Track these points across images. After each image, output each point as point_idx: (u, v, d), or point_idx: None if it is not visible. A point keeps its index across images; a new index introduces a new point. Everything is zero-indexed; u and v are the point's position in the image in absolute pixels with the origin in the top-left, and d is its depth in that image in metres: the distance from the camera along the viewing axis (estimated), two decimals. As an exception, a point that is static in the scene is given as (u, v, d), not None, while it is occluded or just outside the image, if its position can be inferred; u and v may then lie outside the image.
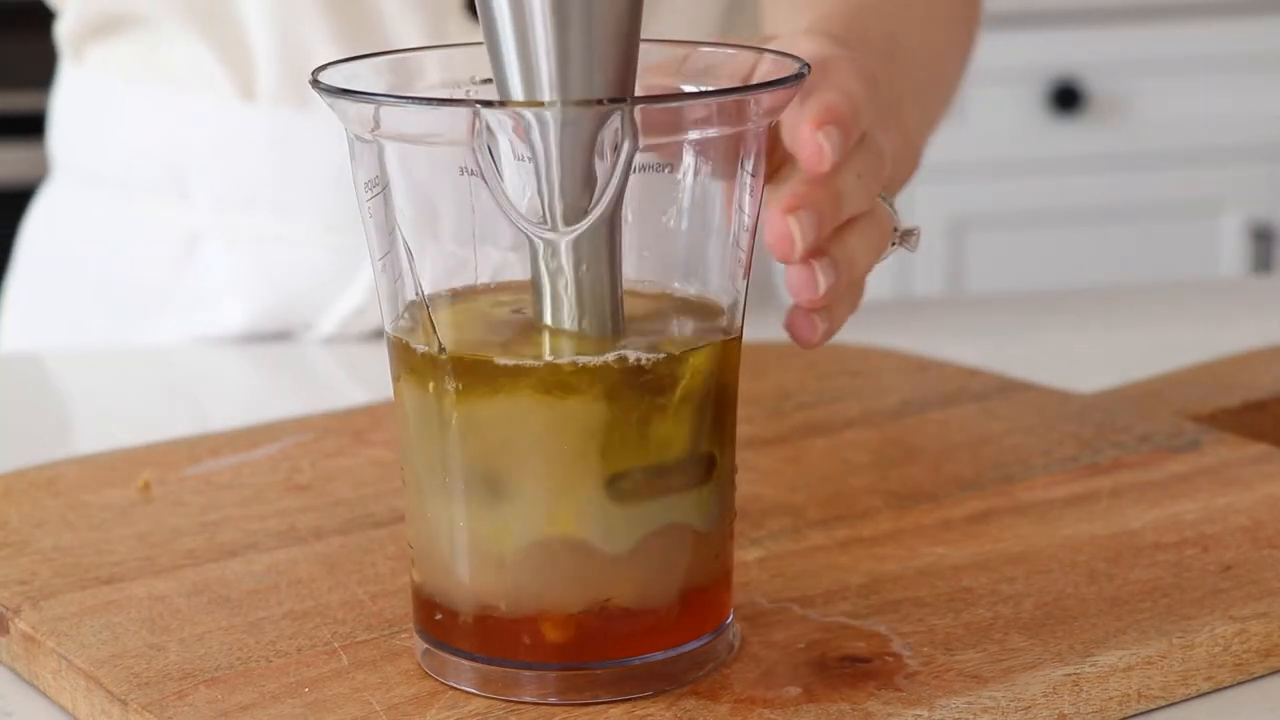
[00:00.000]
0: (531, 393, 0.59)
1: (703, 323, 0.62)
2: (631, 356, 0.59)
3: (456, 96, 0.63)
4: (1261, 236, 2.39)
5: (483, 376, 0.59)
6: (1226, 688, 0.65)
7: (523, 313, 0.61)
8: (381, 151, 0.60)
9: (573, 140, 0.58)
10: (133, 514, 0.76)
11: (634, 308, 0.61)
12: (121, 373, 1.05)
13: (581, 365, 0.59)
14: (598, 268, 0.60)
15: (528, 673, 0.61)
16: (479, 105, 0.58)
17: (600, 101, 0.59)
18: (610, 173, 0.58)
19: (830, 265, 0.64)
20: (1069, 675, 0.62)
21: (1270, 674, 0.66)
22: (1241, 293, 1.25)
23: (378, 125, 0.59)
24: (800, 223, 0.62)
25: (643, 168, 0.60)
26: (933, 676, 0.62)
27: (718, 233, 0.61)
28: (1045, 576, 0.69)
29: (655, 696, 0.61)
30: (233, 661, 0.63)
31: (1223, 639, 0.64)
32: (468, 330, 0.61)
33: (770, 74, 0.62)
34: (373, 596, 0.68)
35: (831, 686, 0.61)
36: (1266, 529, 0.72)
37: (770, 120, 0.61)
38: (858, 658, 0.63)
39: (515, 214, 0.59)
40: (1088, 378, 0.93)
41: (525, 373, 0.59)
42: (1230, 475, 0.77)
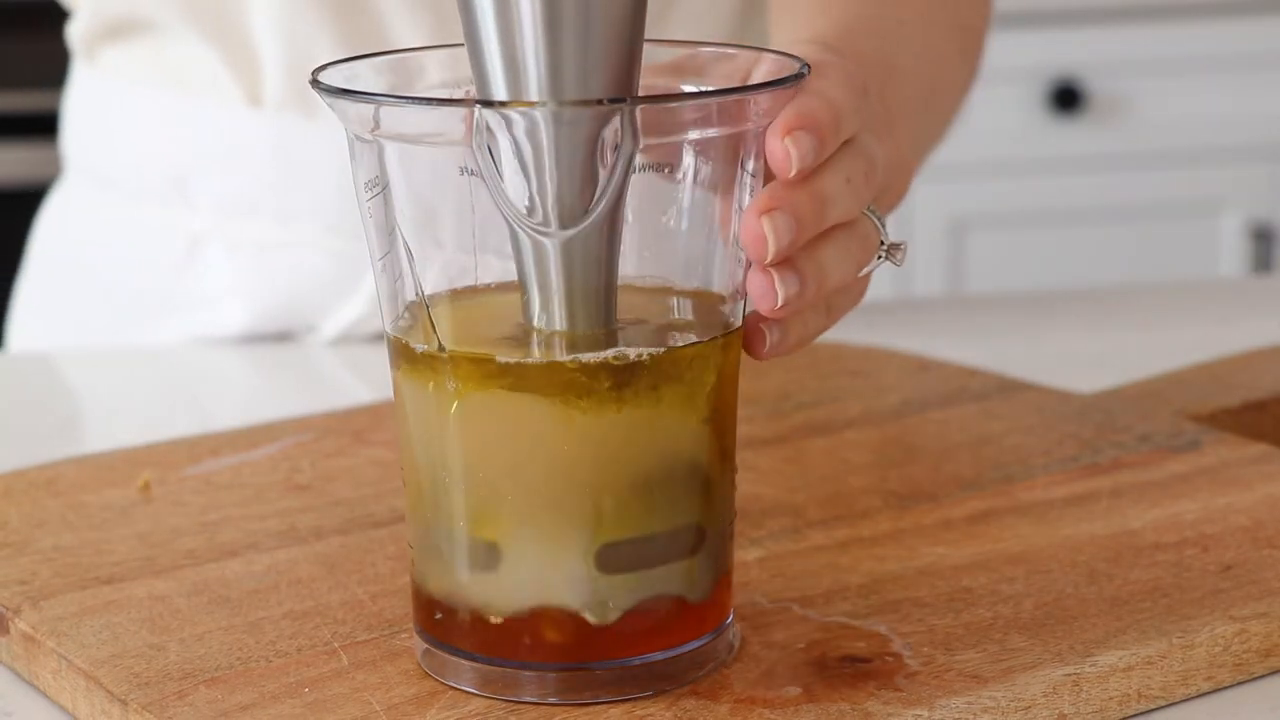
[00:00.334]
0: (533, 391, 0.59)
1: (702, 321, 0.62)
2: (632, 353, 0.59)
3: (456, 96, 0.63)
4: (1261, 236, 2.39)
5: (483, 375, 0.59)
6: (1226, 688, 0.65)
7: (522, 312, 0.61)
8: (381, 151, 0.60)
9: (572, 140, 0.58)
10: (133, 514, 0.76)
11: (633, 306, 0.61)
12: (122, 373, 1.05)
13: (582, 363, 0.59)
14: (596, 267, 0.60)
15: (528, 673, 0.61)
16: (479, 105, 0.58)
17: (600, 102, 0.59)
18: (610, 173, 0.58)
19: (795, 277, 0.61)
20: (1069, 675, 0.62)
21: (1270, 674, 0.66)
22: (1241, 293, 1.25)
23: (377, 125, 0.59)
24: (775, 224, 0.60)
25: (642, 168, 0.60)
26: (933, 676, 0.62)
27: (717, 233, 0.61)
28: (1045, 576, 0.69)
29: (655, 696, 0.61)
30: (233, 661, 0.63)
31: (1223, 639, 0.64)
32: (468, 329, 0.61)
33: (770, 75, 0.62)
34: (373, 596, 0.68)
35: (831, 686, 0.61)
36: (1266, 529, 0.72)
37: (770, 120, 0.61)
38: (858, 658, 0.63)
39: (515, 214, 0.59)
40: (1088, 378, 0.93)
41: (526, 370, 0.59)
42: (1230, 475, 0.77)
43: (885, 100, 0.74)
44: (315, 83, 0.60)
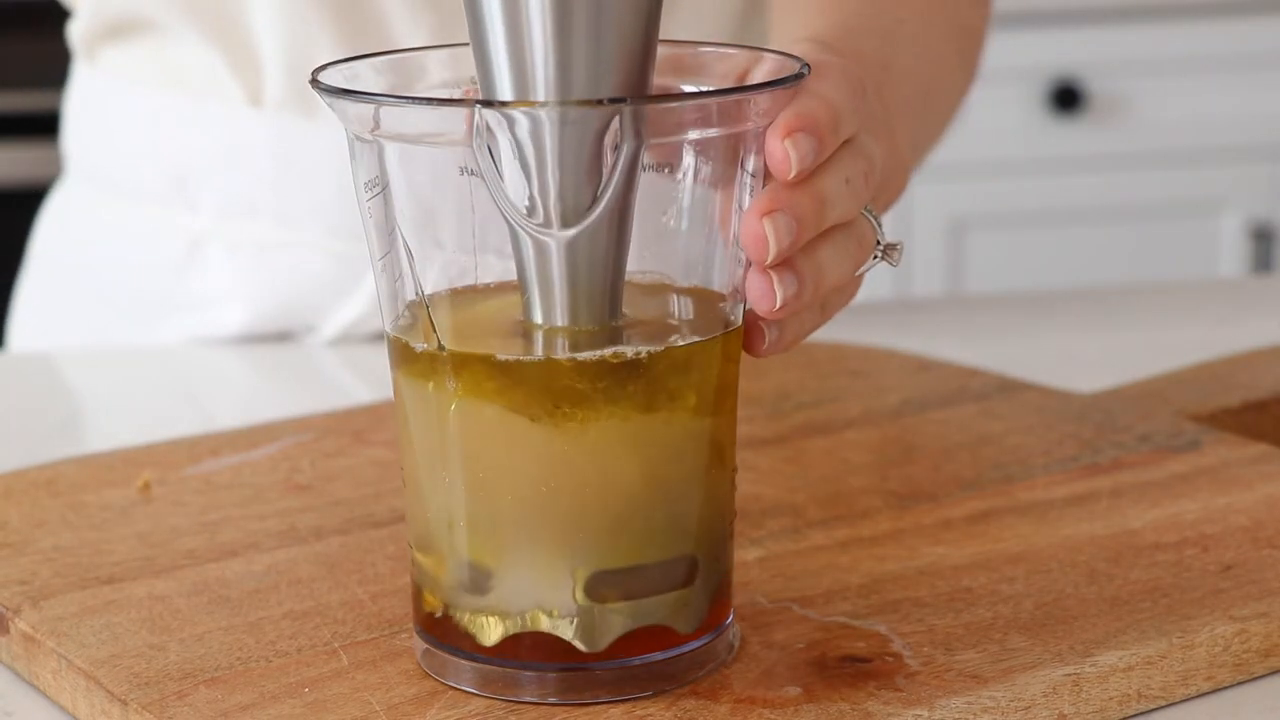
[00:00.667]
0: (534, 390, 0.59)
1: (702, 320, 0.62)
2: (629, 352, 0.59)
3: (457, 96, 0.63)
4: (1261, 236, 2.39)
5: (483, 373, 0.59)
6: (1226, 688, 0.65)
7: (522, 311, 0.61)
8: (381, 151, 0.60)
9: (574, 140, 0.58)
10: (133, 514, 0.76)
11: (633, 304, 0.61)
12: (122, 373, 1.05)
13: (580, 361, 0.59)
14: (597, 266, 0.60)
15: (528, 673, 0.61)
16: (479, 105, 0.58)
17: (600, 102, 0.58)
18: (611, 172, 0.58)
19: (793, 278, 0.61)
20: (1069, 675, 0.62)
21: (1270, 674, 0.66)
22: (1241, 293, 1.25)
23: (377, 125, 0.59)
24: (775, 225, 0.60)
25: (642, 167, 0.60)
26: (933, 676, 0.62)
27: (718, 233, 0.61)
28: (1045, 576, 0.69)
29: (655, 696, 0.61)
30: (233, 661, 0.63)
31: (1223, 639, 0.64)
32: (468, 328, 0.61)
33: (770, 75, 0.62)
34: (373, 596, 0.68)
35: (831, 686, 0.61)
36: (1266, 529, 0.72)
37: (770, 120, 0.61)
38: (858, 658, 0.63)
39: (515, 214, 0.59)
40: (1088, 378, 0.93)
41: (525, 368, 0.59)
42: (1230, 475, 0.77)
43: (883, 100, 0.74)
44: (315, 83, 0.60)
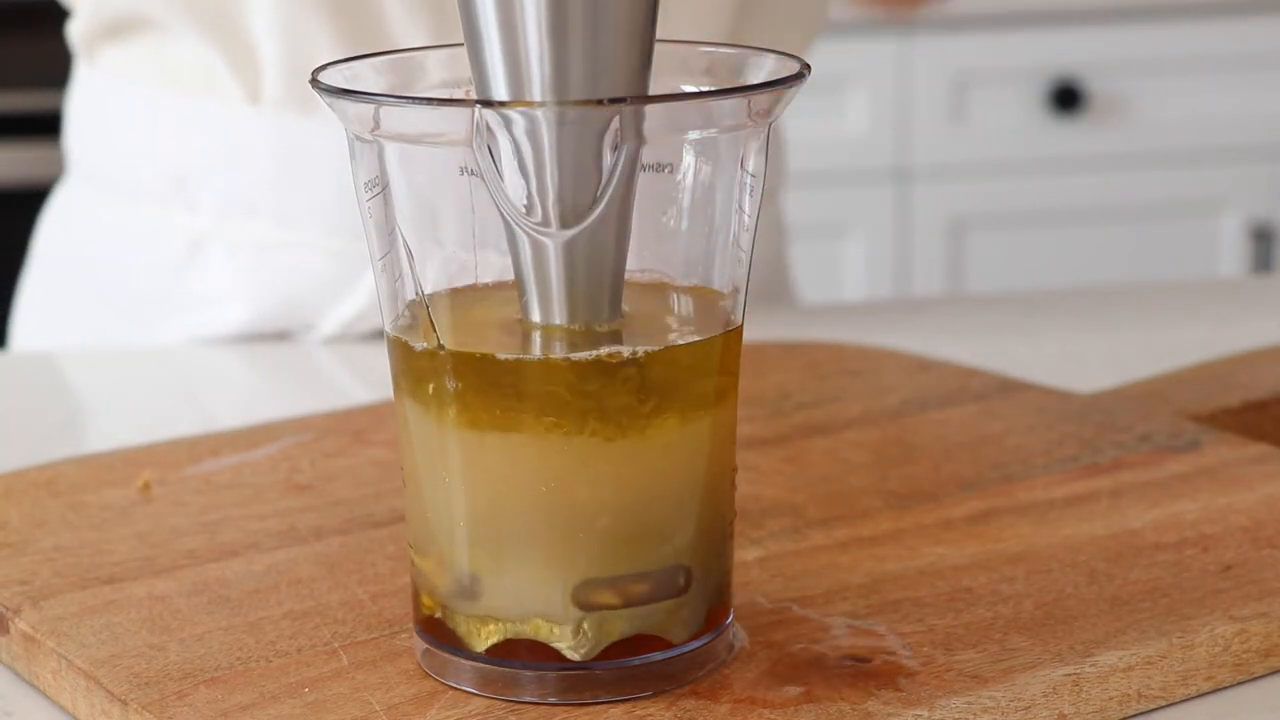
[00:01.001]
0: (533, 389, 0.59)
1: (702, 319, 0.62)
2: (626, 351, 0.59)
3: (456, 97, 0.63)
4: (1261, 236, 2.39)
5: (483, 373, 0.59)
6: (1226, 688, 0.65)
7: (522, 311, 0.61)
8: (381, 151, 0.60)
9: (572, 140, 0.58)
10: (133, 514, 0.76)
11: (632, 304, 0.61)
12: (122, 373, 1.05)
13: (579, 360, 0.59)
14: (596, 266, 0.60)
15: (528, 673, 0.61)
16: (479, 105, 0.58)
17: (600, 102, 0.58)
18: (611, 172, 0.58)
19: None
20: (1069, 675, 0.62)
21: (1270, 674, 0.66)
22: (1241, 293, 1.25)
23: (377, 125, 0.59)
24: None
25: (642, 167, 0.60)
26: (933, 676, 0.62)
27: (718, 233, 0.61)
28: (1045, 576, 0.69)
29: (655, 696, 0.61)
30: (233, 661, 0.63)
31: (1223, 639, 0.64)
32: (468, 327, 0.61)
33: (770, 75, 0.62)
34: (373, 596, 0.68)
35: (831, 686, 0.61)
36: (1266, 529, 0.72)
37: (770, 120, 0.61)
38: (858, 658, 0.63)
39: (515, 214, 0.59)
40: (1088, 378, 0.93)
41: (524, 368, 0.59)
42: (1230, 475, 0.77)
43: None
44: (315, 83, 0.60)
